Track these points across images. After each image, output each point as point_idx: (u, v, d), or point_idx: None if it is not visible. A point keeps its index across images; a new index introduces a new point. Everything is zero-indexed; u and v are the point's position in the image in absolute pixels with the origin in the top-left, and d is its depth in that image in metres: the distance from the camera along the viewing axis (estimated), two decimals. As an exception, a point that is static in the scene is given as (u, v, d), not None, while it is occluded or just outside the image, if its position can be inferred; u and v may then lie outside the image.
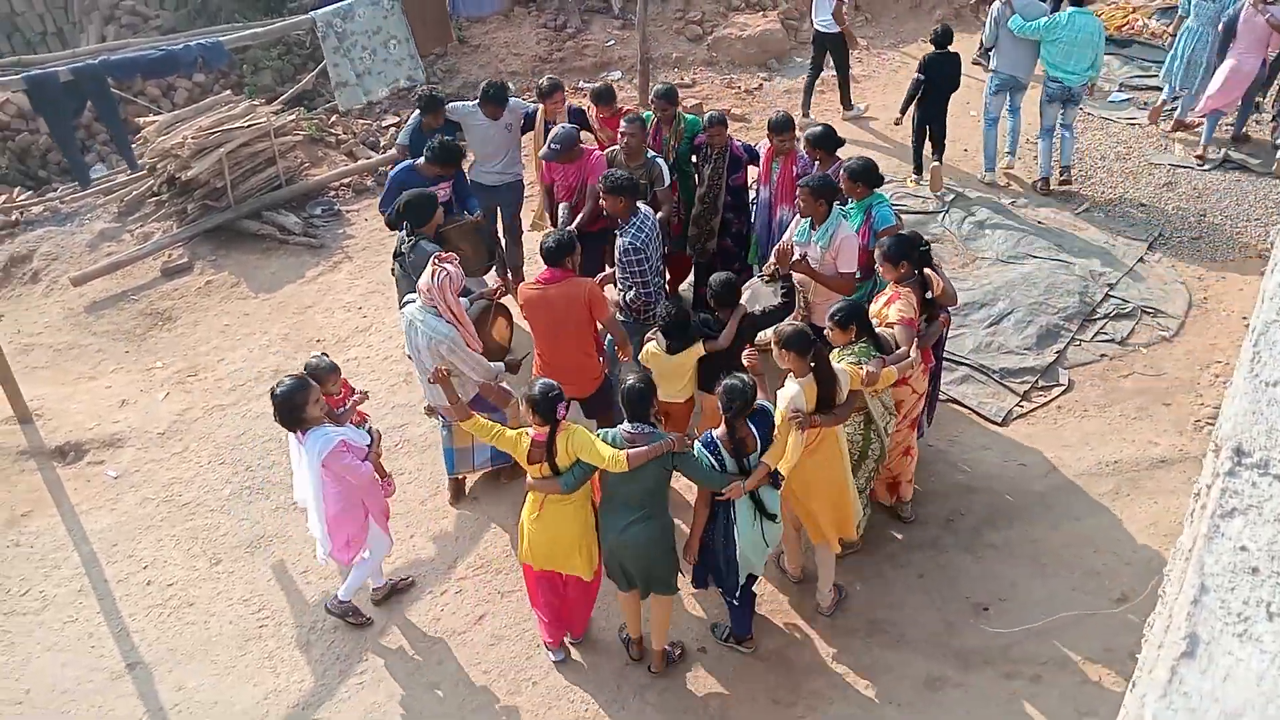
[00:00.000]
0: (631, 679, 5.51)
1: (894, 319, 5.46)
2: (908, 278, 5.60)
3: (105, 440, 7.37)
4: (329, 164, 10.51)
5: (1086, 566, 5.96)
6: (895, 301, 5.53)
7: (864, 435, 5.55)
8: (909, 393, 5.77)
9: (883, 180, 6.47)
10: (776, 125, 7.02)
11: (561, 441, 4.87)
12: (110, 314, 8.74)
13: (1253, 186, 9.35)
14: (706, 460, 4.93)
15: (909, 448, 6.03)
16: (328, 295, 8.79)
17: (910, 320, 5.43)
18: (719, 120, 7.18)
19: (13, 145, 10.88)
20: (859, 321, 5.32)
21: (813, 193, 6.12)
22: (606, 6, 13.26)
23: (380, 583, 6.01)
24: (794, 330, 5.13)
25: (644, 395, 4.97)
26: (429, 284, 5.67)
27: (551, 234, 5.93)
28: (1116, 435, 6.87)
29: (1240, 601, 1.28)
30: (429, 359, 5.69)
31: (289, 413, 5.20)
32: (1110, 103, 11.02)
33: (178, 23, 12.33)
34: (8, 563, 6.46)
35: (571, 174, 7.17)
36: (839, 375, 5.05)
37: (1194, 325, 7.82)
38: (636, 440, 4.87)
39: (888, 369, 5.17)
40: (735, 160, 7.22)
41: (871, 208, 6.33)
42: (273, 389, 5.25)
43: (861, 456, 5.60)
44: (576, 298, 5.80)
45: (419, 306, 5.75)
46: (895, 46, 12.86)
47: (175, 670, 5.73)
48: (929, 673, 5.43)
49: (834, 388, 5.00)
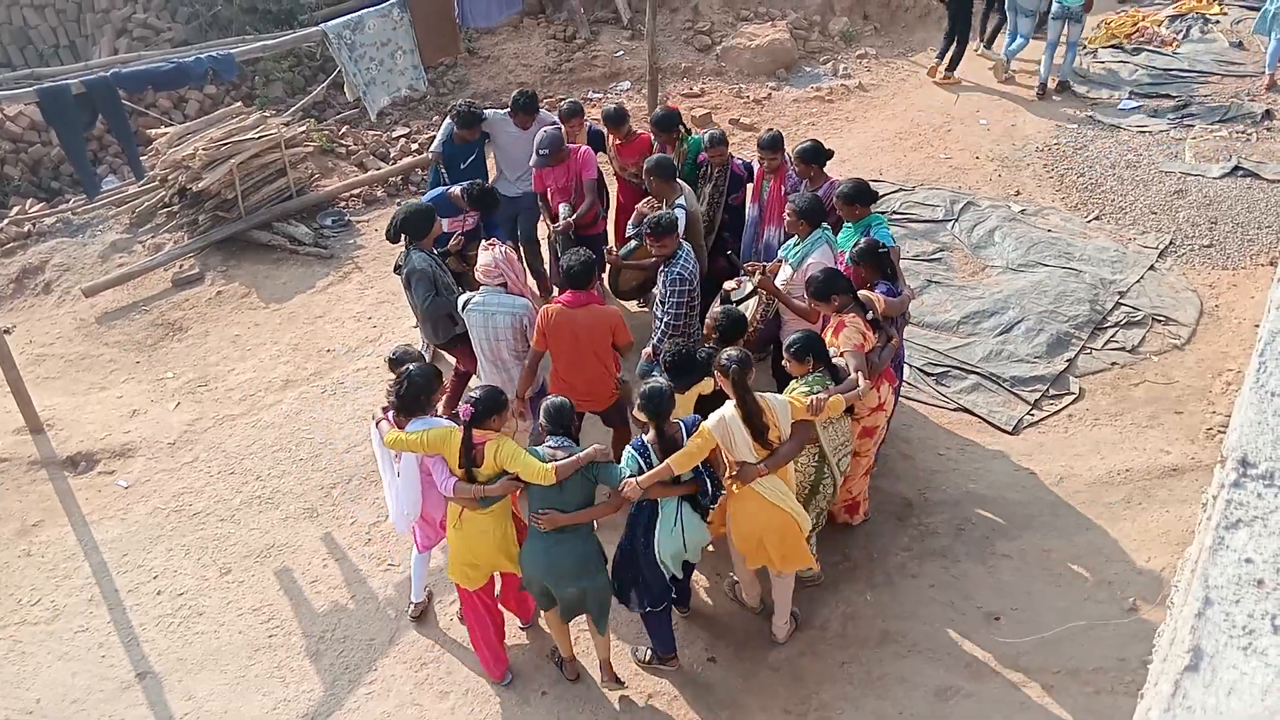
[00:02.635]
0: (642, 689, 5.49)
1: (845, 347, 5.36)
2: (847, 306, 5.51)
3: (116, 450, 7.40)
4: (339, 175, 10.55)
5: (1098, 576, 5.92)
6: (842, 330, 5.42)
7: (816, 469, 5.45)
8: (882, 418, 5.75)
9: (876, 198, 6.35)
10: (766, 144, 6.92)
11: (490, 450, 4.86)
12: (121, 324, 8.77)
13: (1264, 194, 9.29)
14: (635, 464, 4.94)
15: (869, 468, 6.02)
16: (338, 305, 8.82)
17: (860, 346, 5.35)
18: (719, 140, 7.11)
19: (25, 157, 10.94)
20: (815, 352, 5.22)
21: (798, 212, 6.09)
22: (615, 17, 13.28)
23: (420, 598, 6.00)
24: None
25: (565, 409, 5.00)
26: (494, 260, 5.85)
27: (575, 256, 5.83)
28: (1128, 444, 6.84)
29: (1245, 614, 1.27)
30: (511, 340, 5.88)
31: (419, 396, 5.12)
32: (1120, 110, 11.00)
33: (189, 35, 12.39)
34: (19, 572, 6.49)
35: (562, 175, 7.20)
36: (776, 406, 4.96)
37: (1205, 333, 7.78)
38: (559, 456, 4.88)
39: (835, 398, 5.04)
40: (735, 179, 7.16)
41: (870, 228, 6.20)
42: (407, 371, 5.13)
43: (812, 491, 5.48)
44: (601, 325, 5.78)
45: (487, 291, 5.89)
46: (905, 55, 12.85)
47: (185, 680, 5.74)
48: (940, 683, 5.40)
49: (759, 418, 4.87)
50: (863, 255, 5.83)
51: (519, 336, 5.92)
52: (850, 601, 5.90)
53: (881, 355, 5.53)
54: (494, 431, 4.96)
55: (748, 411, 4.84)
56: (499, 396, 5.03)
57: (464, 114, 7.50)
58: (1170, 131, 10.47)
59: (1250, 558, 1.33)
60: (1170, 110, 10.89)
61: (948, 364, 7.57)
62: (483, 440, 4.90)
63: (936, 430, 7.06)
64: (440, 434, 4.97)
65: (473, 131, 7.55)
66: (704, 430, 4.90)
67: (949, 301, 8.19)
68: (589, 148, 7.27)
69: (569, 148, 7.18)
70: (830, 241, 6.16)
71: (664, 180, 6.59)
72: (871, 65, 12.51)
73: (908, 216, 9.24)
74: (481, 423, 4.92)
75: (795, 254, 6.16)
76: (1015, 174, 10.02)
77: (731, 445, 4.90)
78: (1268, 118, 10.49)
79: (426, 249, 6.38)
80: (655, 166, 6.62)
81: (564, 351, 5.84)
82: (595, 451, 4.91)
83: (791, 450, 5.05)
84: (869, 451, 5.86)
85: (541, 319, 5.77)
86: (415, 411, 5.10)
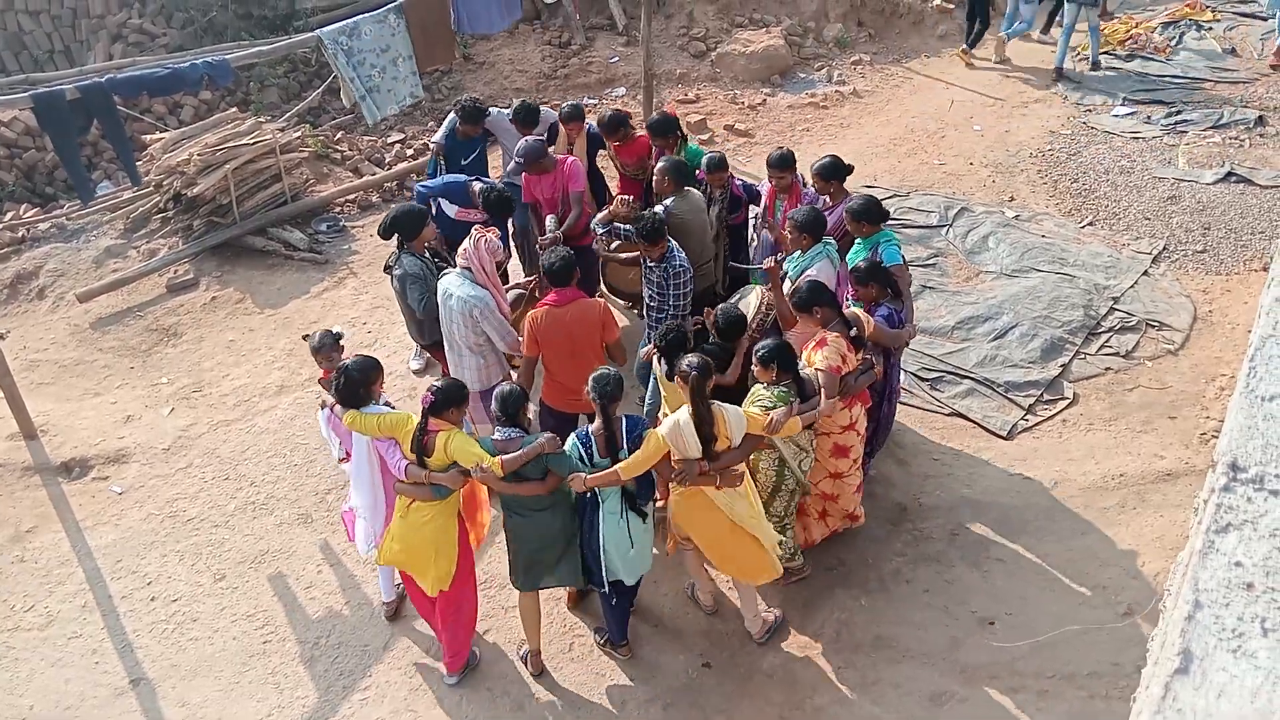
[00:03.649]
0: (636, 695, 5.49)
1: (820, 366, 5.27)
2: (831, 322, 5.43)
3: (110, 456, 7.38)
4: (334, 180, 10.55)
5: (1092, 581, 5.93)
6: (822, 348, 5.33)
7: (777, 473, 5.44)
8: (855, 438, 5.66)
9: (887, 216, 6.20)
10: (775, 162, 6.61)
11: (441, 440, 4.95)
12: (116, 330, 8.76)
13: (1257, 199, 9.34)
14: (576, 453, 5.02)
15: (859, 485, 5.95)
16: (332, 311, 8.81)
17: (836, 368, 5.24)
18: (720, 165, 6.85)
19: (20, 162, 10.93)
20: (782, 361, 5.18)
21: (798, 226, 6.02)
22: (610, 23, 13.31)
23: (390, 597, 6.02)
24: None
25: (516, 399, 5.10)
26: (468, 246, 5.91)
27: (554, 254, 5.88)
28: (1122, 449, 6.85)
29: (1235, 617, 1.28)
30: (461, 327, 5.89)
31: (357, 390, 5.16)
32: (1114, 116, 11.04)
33: (184, 41, 12.39)
34: (12, 578, 6.47)
35: (549, 186, 7.16)
36: (731, 418, 4.96)
37: (1199, 338, 7.81)
38: (508, 447, 4.96)
39: (793, 420, 5.00)
40: (735, 200, 7.02)
41: (879, 245, 6.05)
42: (344, 366, 5.20)
43: (774, 491, 5.48)
44: (590, 319, 5.79)
45: (456, 273, 5.96)
46: (898, 62, 12.90)
47: (179, 686, 5.73)
48: (934, 688, 5.41)
49: (710, 427, 4.89)
50: (861, 276, 5.75)
51: (469, 326, 5.94)
52: (844, 607, 5.90)
53: (858, 379, 5.43)
54: (449, 424, 5.03)
55: (700, 419, 4.87)
56: (461, 390, 5.13)
57: (467, 109, 7.52)
58: (1164, 137, 10.53)
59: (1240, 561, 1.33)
60: (1163, 116, 10.94)
61: (942, 369, 7.58)
62: (436, 430, 4.99)
63: (931, 435, 7.07)
64: (398, 419, 5.10)
65: (475, 127, 7.57)
66: (655, 436, 4.94)
67: (943, 307, 8.21)
68: (576, 159, 7.22)
69: (555, 158, 7.14)
70: (832, 257, 6.06)
71: (677, 184, 6.62)
72: (866, 71, 12.55)
73: (902, 222, 9.26)
74: (440, 412, 5.01)
75: (796, 267, 6.12)
76: (1009, 180, 10.05)
77: (684, 451, 4.95)
78: (1260, 123, 10.54)
79: (418, 253, 6.39)
80: (672, 168, 6.60)
81: (556, 350, 5.85)
82: (543, 444, 4.96)
83: (734, 458, 5.05)
84: (851, 470, 5.77)
85: (530, 324, 5.78)
86: (356, 403, 5.17)
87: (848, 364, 5.34)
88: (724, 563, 5.42)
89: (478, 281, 5.96)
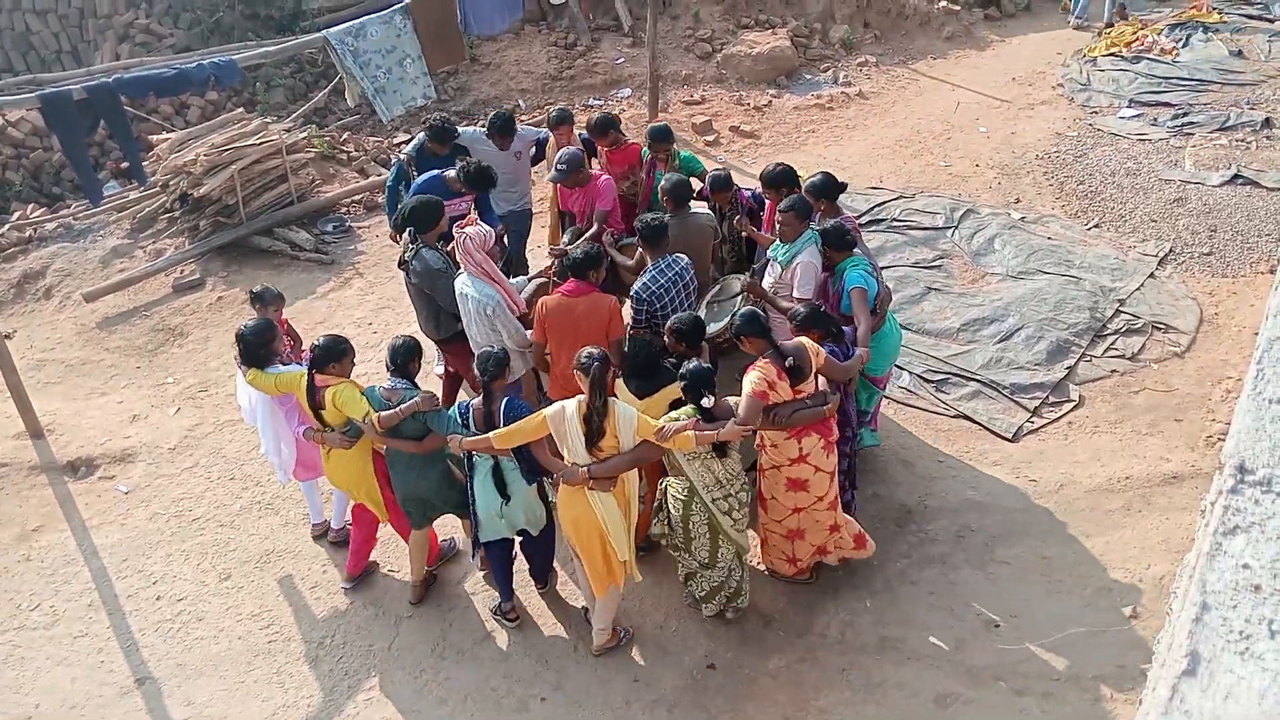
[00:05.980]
0: (641, 696, 5.49)
1: (746, 389, 5.12)
2: (766, 351, 5.26)
3: (116, 455, 7.40)
4: (340, 181, 10.58)
5: (1098, 583, 5.92)
6: (750, 372, 5.21)
7: (684, 503, 5.31)
8: (812, 471, 5.40)
9: (852, 245, 5.98)
10: (770, 181, 6.53)
11: (330, 395, 5.38)
12: (122, 330, 8.78)
13: (1264, 202, 9.32)
14: (456, 420, 5.31)
15: (834, 524, 5.68)
16: (338, 311, 8.83)
17: (761, 394, 5.08)
18: (724, 185, 6.85)
19: (27, 162, 10.98)
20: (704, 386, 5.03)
21: (797, 215, 5.98)
22: (616, 24, 13.32)
23: (338, 525, 6.50)
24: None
25: (406, 350, 5.41)
26: (457, 250, 6.06)
27: (581, 247, 5.97)
28: (1128, 451, 6.84)
29: (1242, 619, 1.27)
30: (480, 325, 6.07)
31: (257, 351, 5.61)
32: (1120, 118, 11.03)
33: (191, 41, 12.44)
34: (18, 577, 6.49)
35: (582, 199, 7.06)
36: (622, 417, 4.94)
37: (1205, 341, 7.79)
38: (393, 397, 5.31)
39: (686, 434, 4.91)
40: (752, 212, 7.02)
41: (845, 271, 5.91)
42: (239, 331, 5.66)
43: (684, 522, 5.34)
44: (599, 313, 5.81)
45: (467, 276, 6.10)
46: (904, 63, 12.89)
47: (184, 685, 5.74)
48: (940, 689, 5.40)
49: (600, 420, 4.91)
50: (801, 322, 5.52)
51: (486, 324, 6.06)
52: (849, 608, 5.89)
53: (794, 414, 5.22)
54: (336, 378, 5.42)
55: (590, 411, 4.94)
56: (340, 344, 5.46)
57: (436, 128, 7.34)
58: (1170, 139, 10.51)
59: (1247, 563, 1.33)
60: (1170, 118, 10.93)
61: (948, 371, 7.58)
62: (324, 385, 5.40)
63: (936, 437, 7.07)
64: (292, 377, 5.56)
65: (444, 146, 7.33)
66: (540, 415, 5.03)
67: (949, 309, 8.20)
68: (609, 178, 7.09)
69: (591, 173, 7.03)
70: (818, 242, 6.02)
71: (676, 203, 6.60)
72: (872, 73, 12.55)
73: (908, 224, 9.26)
74: (322, 368, 5.41)
75: (785, 254, 6.12)
76: (1015, 181, 10.04)
77: (564, 438, 5.00)
78: (1267, 126, 10.52)
79: (436, 246, 6.38)
80: (672, 188, 6.59)
81: (560, 338, 5.87)
82: (420, 401, 5.27)
83: (620, 464, 5.03)
84: (818, 507, 5.54)
85: (540, 310, 5.91)
86: (259, 363, 5.63)
87: (777, 391, 5.16)
88: (587, 563, 5.38)
89: (480, 277, 6.03)
